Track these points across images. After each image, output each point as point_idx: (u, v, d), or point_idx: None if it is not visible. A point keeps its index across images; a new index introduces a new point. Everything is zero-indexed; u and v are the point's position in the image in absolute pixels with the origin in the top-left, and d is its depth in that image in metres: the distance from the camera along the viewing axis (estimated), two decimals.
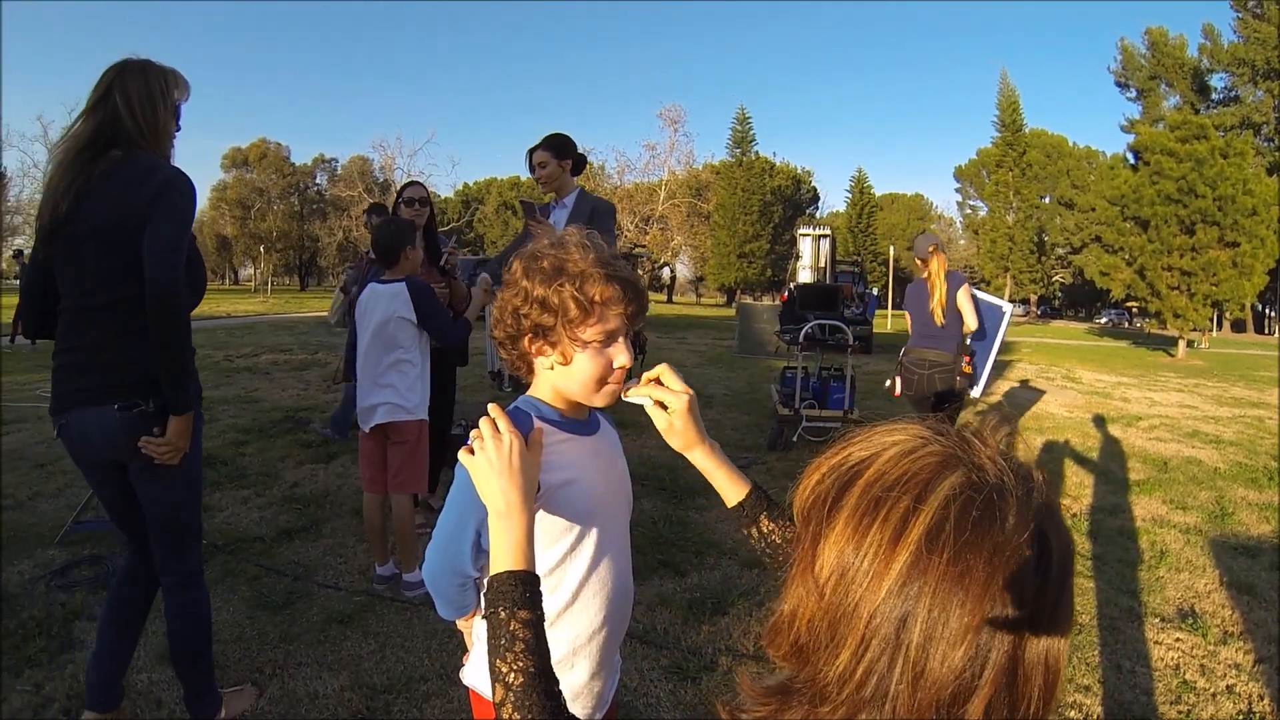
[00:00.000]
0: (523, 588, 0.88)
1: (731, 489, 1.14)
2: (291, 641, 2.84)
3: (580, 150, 3.79)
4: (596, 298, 1.07)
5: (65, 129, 2.03)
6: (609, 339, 1.10)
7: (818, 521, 0.63)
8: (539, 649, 0.84)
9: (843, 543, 0.59)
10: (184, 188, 1.98)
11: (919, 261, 4.79)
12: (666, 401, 1.10)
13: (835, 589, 0.59)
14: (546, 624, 1.10)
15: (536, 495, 1.06)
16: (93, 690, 2.20)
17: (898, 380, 4.89)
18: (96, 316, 1.96)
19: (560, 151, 3.66)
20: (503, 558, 0.91)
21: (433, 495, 4.21)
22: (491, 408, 1.02)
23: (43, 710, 2.38)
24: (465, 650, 1.29)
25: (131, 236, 1.91)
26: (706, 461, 1.14)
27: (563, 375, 1.12)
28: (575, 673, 1.17)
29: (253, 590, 3.25)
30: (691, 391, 1.13)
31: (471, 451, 0.98)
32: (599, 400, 1.13)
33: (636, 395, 1.12)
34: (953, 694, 0.54)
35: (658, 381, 1.12)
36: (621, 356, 1.11)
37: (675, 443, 1.12)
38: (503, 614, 0.86)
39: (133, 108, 1.98)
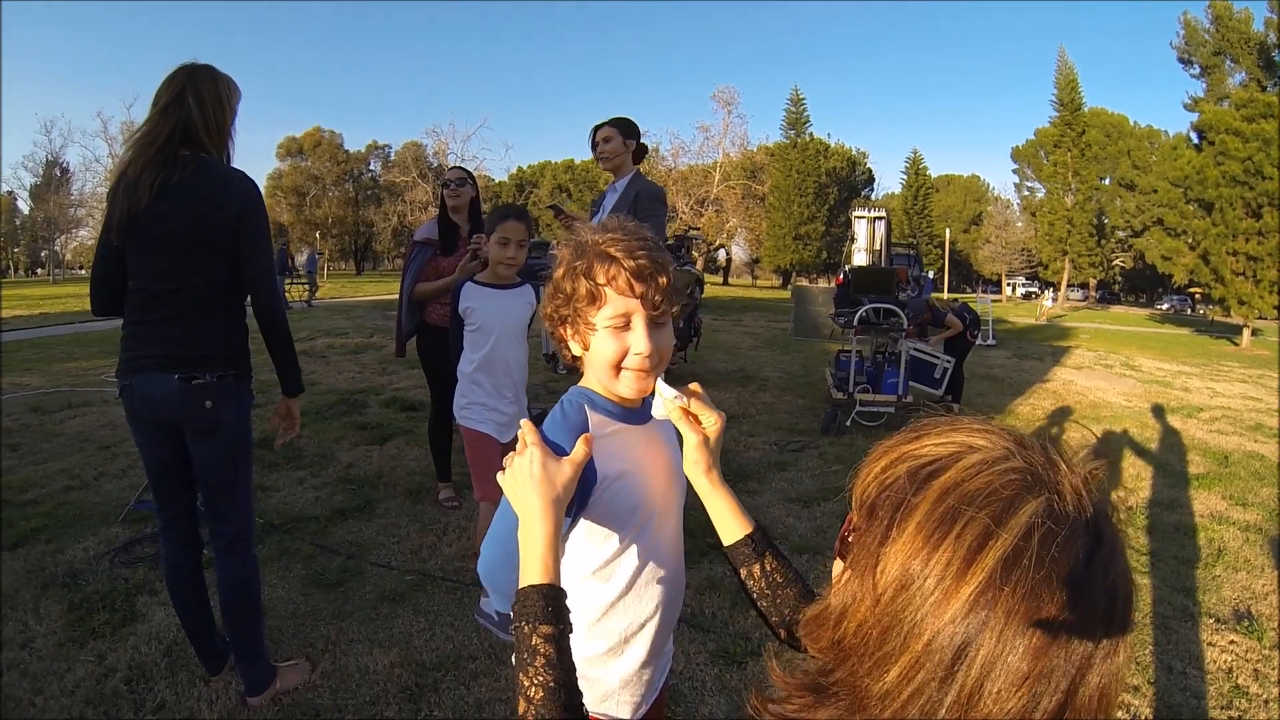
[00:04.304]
0: (544, 602, 0.86)
1: (735, 523, 1.08)
2: (344, 619, 2.94)
3: (643, 139, 3.79)
4: (600, 279, 1.04)
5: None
6: (623, 322, 1.06)
7: (886, 521, 0.59)
8: (560, 663, 0.83)
9: (910, 552, 0.56)
10: (258, 192, 2.24)
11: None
12: (704, 418, 1.08)
13: (895, 599, 0.56)
14: (601, 614, 1.12)
15: (595, 487, 1.07)
16: (200, 658, 2.50)
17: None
18: (165, 299, 2.16)
19: (626, 131, 3.68)
20: (528, 570, 0.90)
21: (448, 484, 4.34)
22: (524, 424, 1.02)
23: (105, 680, 2.49)
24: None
25: (210, 236, 2.14)
26: (717, 490, 1.09)
27: (588, 363, 1.11)
28: (626, 661, 1.17)
29: (307, 568, 3.36)
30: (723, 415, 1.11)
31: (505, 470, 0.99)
32: (622, 388, 1.09)
33: (670, 402, 1.08)
34: None
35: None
36: (638, 342, 1.05)
37: (706, 461, 1.08)
38: (526, 628, 0.85)
39: (205, 110, 2.18)
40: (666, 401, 1.08)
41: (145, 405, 2.20)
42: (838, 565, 0.69)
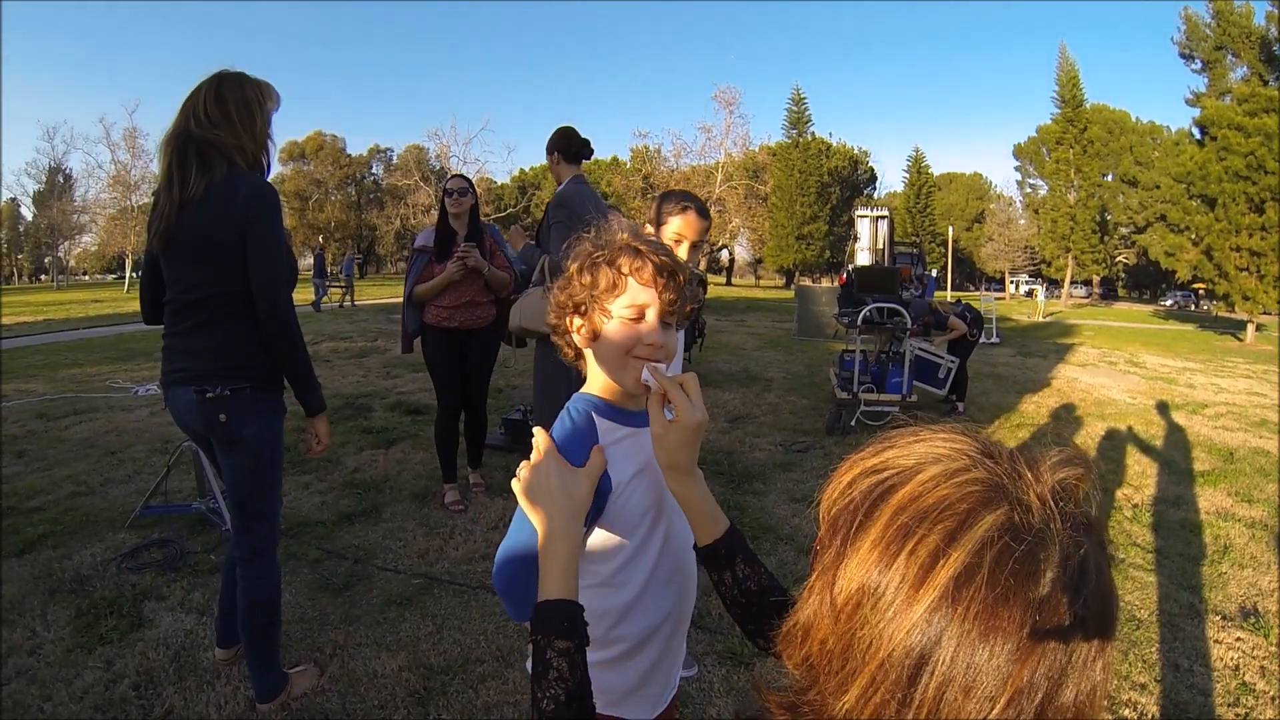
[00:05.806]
0: (560, 617, 0.89)
1: (702, 528, 1.05)
2: (352, 623, 2.95)
3: (569, 138, 3.76)
4: (625, 269, 1.07)
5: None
6: (639, 314, 1.08)
7: (844, 538, 0.58)
8: (573, 676, 0.86)
9: (866, 569, 0.55)
10: (270, 198, 2.18)
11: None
12: (679, 407, 1.02)
13: (852, 617, 0.55)
14: (618, 619, 1.13)
15: (610, 495, 1.08)
16: (218, 633, 2.63)
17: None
18: (186, 311, 2.17)
19: (548, 148, 3.79)
20: (546, 585, 0.93)
21: (452, 485, 4.33)
22: (537, 431, 1.04)
23: (113, 686, 2.50)
24: (528, 639, 1.31)
25: (223, 245, 2.11)
26: (690, 490, 1.04)
27: (596, 353, 1.11)
28: (644, 661, 1.18)
29: (314, 573, 3.37)
30: (706, 418, 1.06)
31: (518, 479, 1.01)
32: (629, 375, 1.08)
33: (655, 378, 1.04)
34: None
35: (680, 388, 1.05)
36: (651, 334, 1.07)
37: (662, 456, 1.03)
38: (542, 642, 0.88)
39: (235, 117, 2.16)
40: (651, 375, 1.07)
41: (176, 418, 2.26)
42: None
